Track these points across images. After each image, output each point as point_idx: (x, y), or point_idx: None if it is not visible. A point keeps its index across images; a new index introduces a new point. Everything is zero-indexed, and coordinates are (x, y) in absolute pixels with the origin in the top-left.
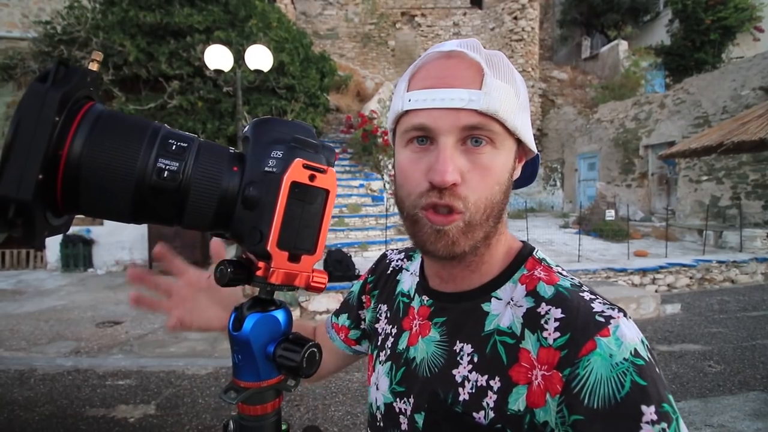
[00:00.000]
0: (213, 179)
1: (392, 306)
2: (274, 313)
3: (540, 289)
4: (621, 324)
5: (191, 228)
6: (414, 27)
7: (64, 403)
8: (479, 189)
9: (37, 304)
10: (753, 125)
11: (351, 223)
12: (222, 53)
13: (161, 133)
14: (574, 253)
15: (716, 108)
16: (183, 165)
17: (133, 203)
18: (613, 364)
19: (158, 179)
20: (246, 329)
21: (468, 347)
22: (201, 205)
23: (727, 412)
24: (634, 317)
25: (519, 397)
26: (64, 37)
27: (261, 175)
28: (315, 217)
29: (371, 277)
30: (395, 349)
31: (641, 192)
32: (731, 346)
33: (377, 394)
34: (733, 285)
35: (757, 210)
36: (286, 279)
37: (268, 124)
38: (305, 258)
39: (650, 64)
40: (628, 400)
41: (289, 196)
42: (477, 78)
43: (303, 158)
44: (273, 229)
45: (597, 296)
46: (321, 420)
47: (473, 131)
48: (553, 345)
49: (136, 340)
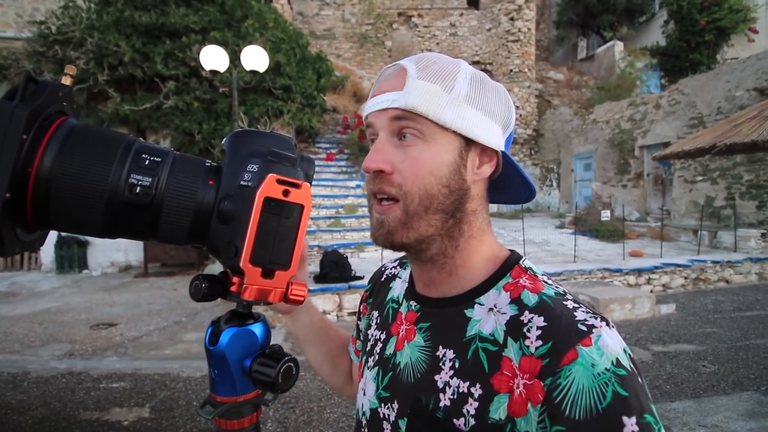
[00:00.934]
0: (187, 193)
1: (382, 312)
2: (251, 327)
3: (524, 297)
4: (603, 333)
5: (167, 242)
6: (411, 27)
7: (58, 406)
8: (411, 178)
9: (31, 306)
10: (745, 127)
11: (347, 224)
12: (218, 54)
13: (134, 147)
14: (570, 254)
15: (711, 109)
16: (156, 180)
17: (105, 219)
18: (595, 374)
19: (130, 195)
20: (222, 344)
21: (450, 353)
22: (175, 220)
23: (721, 412)
24: (629, 317)
25: (500, 406)
26: (58, 37)
27: (236, 189)
28: (290, 232)
29: (369, 286)
30: (383, 354)
31: (637, 192)
32: (725, 346)
33: (364, 399)
34: (727, 285)
35: (752, 210)
36: (259, 295)
37: (246, 136)
38: (279, 274)
39: (646, 64)
40: (609, 411)
41: (263, 211)
42: (402, 82)
43: (277, 173)
44: (246, 244)
45: (580, 305)
46: (316, 422)
47: (402, 127)
48: (535, 353)
49: (130, 342)
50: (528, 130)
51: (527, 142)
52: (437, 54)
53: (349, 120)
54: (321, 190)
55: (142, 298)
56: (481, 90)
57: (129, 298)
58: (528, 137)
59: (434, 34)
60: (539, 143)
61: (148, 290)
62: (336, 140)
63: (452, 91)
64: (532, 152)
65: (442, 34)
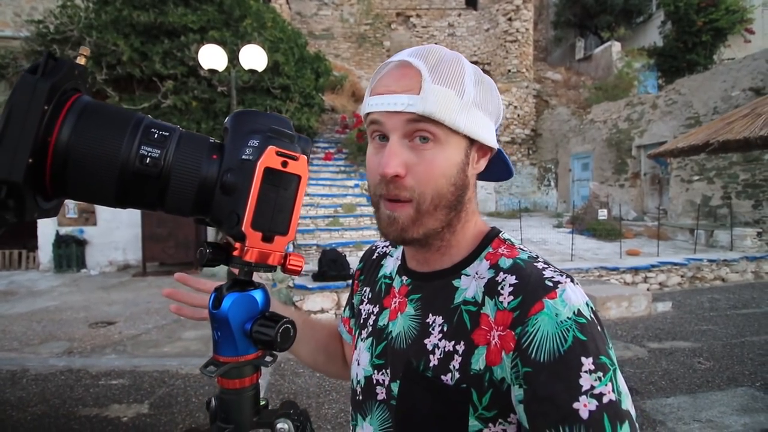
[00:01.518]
0: (193, 166)
1: (374, 288)
2: (252, 293)
3: (501, 262)
4: (567, 288)
5: (173, 212)
6: (409, 28)
7: (57, 402)
8: (424, 180)
9: (30, 304)
10: (738, 125)
11: (346, 223)
12: (216, 53)
13: (144, 122)
14: (568, 253)
15: (707, 109)
16: (164, 152)
17: (117, 188)
18: (558, 321)
19: (141, 165)
20: (225, 307)
21: (439, 319)
22: (181, 191)
23: (716, 408)
24: (626, 315)
25: (480, 357)
26: (56, 37)
27: (238, 163)
28: (288, 202)
29: (360, 265)
30: (376, 325)
31: (634, 192)
32: (720, 343)
33: (358, 369)
34: (723, 283)
35: (748, 209)
36: (260, 257)
37: (247, 115)
38: (278, 239)
39: (643, 65)
40: (569, 352)
41: (263, 181)
42: (416, 84)
43: (277, 146)
44: (247, 211)
45: (550, 266)
46: (314, 418)
47: (416, 130)
48: (507, 307)
49: (129, 340)
50: (526, 130)
51: (525, 142)
52: (438, 47)
53: (347, 119)
54: (319, 189)
55: (141, 297)
56: (482, 90)
57: (127, 296)
58: (526, 137)
59: (432, 34)
60: (537, 143)
61: (146, 289)
62: (334, 140)
63: (464, 96)
64: (530, 152)
65: (441, 35)
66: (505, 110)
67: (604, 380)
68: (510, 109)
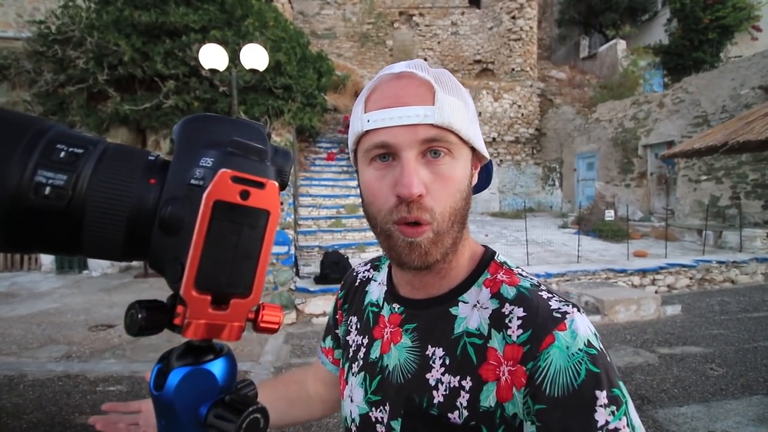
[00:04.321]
0: (117, 195)
1: (362, 317)
2: (208, 366)
3: (503, 291)
4: (576, 318)
5: (96, 257)
6: (412, 26)
7: (53, 410)
8: (443, 198)
9: (30, 306)
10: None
11: (348, 224)
12: (217, 52)
13: (48, 135)
14: (573, 254)
15: (715, 107)
16: (74, 178)
17: (5, 231)
18: (570, 354)
19: (37, 198)
20: (170, 387)
21: (439, 351)
22: (102, 231)
23: (731, 417)
24: (635, 319)
25: (489, 394)
26: (58, 37)
27: (185, 190)
28: (254, 244)
29: (341, 293)
30: (367, 359)
31: (640, 192)
32: (733, 348)
33: (351, 406)
34: (733, 285)
35: (757, 210)
36: (207, 332)
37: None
38: (236, 302)
39: (649, 63)
40: (584, 386)
41: (214, 219)
42: (429, 95)
43: (234, 168)
44: (189, 264)
45: (553, 294)
46: (315, 427)
47: (432, 144)
48: (516, 341)
49: (128, 344)
50: (530, 129)
51: (529, 141)
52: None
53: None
54: (322, 190)
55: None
56: (470, 101)
57: (128, 298)
58: (530, 136)
59: (435, 33)
60: (541, 142)
61: (147, 291)
62: (337, 140)
63: (468, 107)
64: (534, 151)
65: (444, 33)
66: (509, 109)
67: (618, 414)
68: (514, 109)
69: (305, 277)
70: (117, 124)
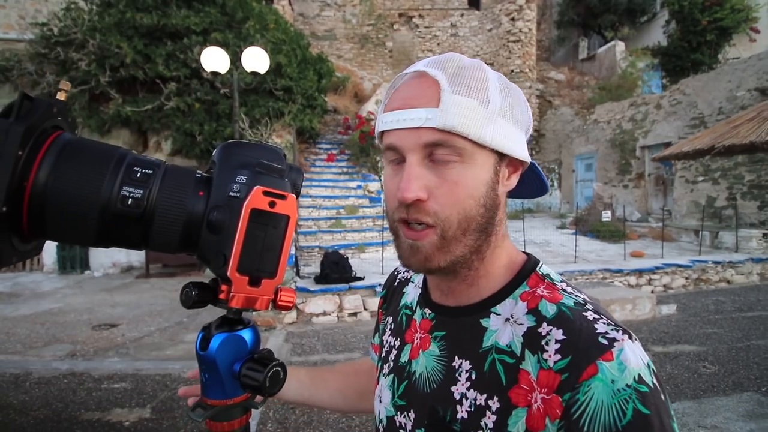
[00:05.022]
0: (177, 205)
1: (396, 318)
2: (240, 333)
3: (542, 307)
4: (626, 347)
5: (159, 251)
6: (412, 28)
7: (59, 406)
8: (449, 203)
9: (33, 306)
10: (744, 128)
11: (348, 225)
12: (218, 55)
13: (126, 160)
14: (571, 254)
15: (712, 109)
16: (147, 192)
17: (97, 230)
18: (615, 390)
19: (122, 207)
20: (212, 349)
21: (466, 363)
22: (166, 230)
23: (721, 413)
24: (630, 318)
25: (518, 420)
26: (60, 39)
27: (226, 200)
28: (277, 240)
29: (383, 292)
30: (398, 362)
31: (638, 192)
32: (726, 346)
33: (380, 407)
34: (728, 285)
35: (753, 210)
36: (246, 303)
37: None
38: (266, 282)
39: (647, 64)
40: (629, 429)
41: (250, 222)
42: (435, 96)
43: (264, 185)
44: (233, 254)
45: (601, 316)
46: (316, 422)
47: (436, 148)
48: (553, 368)
49: (132, 343)
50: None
51: (528, 142)
52: (457, 55)
53: (350, 121)
54: (322, 191)
55: (144, 299)
56: (510, 99)
57: (130, 298)
58: (529, 137)
59: (435, 34)
60: (540, 143)
61: (149, 291)
62: (337, 141)
63: (489, 106)
64: (533, 152)
65: (443, 35)
66: None
67: None
68: None
69: (306, 277)
70: (119, 126)
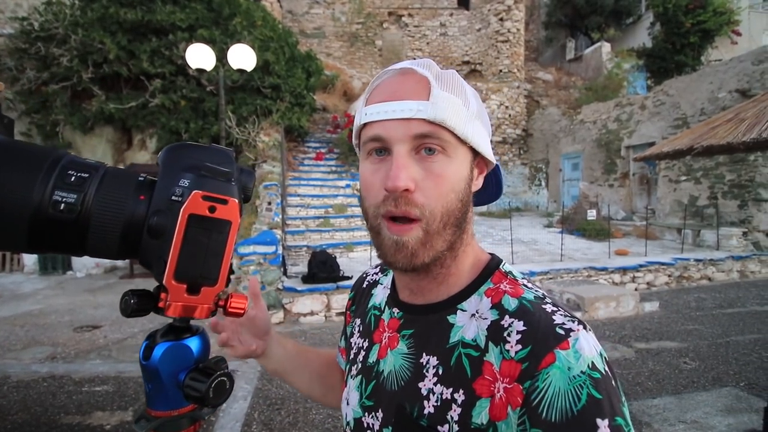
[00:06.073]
0: (115, 209)
1: (365, 320)
2: (186, 342)
3: (504, 302)
4: (581, 337)
5: (98, 257)
6: (401, 27)
7: (38, 410)
8: (434, 196)
9: (13, 308)
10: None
11: (337, 224)
12: (204, 52)
13: (61, 163)
14: (557, 253)
15: (694, 110)
16: (82, 196)
17: (29, 236)
18: (571, 377)
19: (54, 212)
20: (155, 358)
21: (434, 359)
22: (103, 236)
23: (701, 408)
24: (614, 315)
25: (482, 411)
26: (41, 34)
27: (167, 204)
28: (220, 246)
29: (351, 294)
30: (366, 362)
31: (623, 192)
32: (706, 342)
33: (347, 409)
34: (709, 283)
35: (734, 209)
36: (183, 312)
37: (181, 150)
38: (206, 290)
39: (632, 65)
40: (584, 413)
41: (189, 227)
42: (425, 90)
43: (205, 189)
44: (169, 261)
45: (559, 308)
46: (302, 423)
47: (424, 140)
48: (514, 357)
49: (114, 345)
50: (517, 130)
51: (516, 141)
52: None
53: (338, 119)
54: (310, 189)
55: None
56: (480, 105)
57: (114, 299)
58: (517, 137)
59: (424, 33)
60: (528, 143)
61: None
62: (326, 139)
63: (469, 107)
64: (521, 152)
65: (432, 34)
66: (497, 110)
67: None
68: (501, 109)
69: (293, 276)
70: (102, 123)
